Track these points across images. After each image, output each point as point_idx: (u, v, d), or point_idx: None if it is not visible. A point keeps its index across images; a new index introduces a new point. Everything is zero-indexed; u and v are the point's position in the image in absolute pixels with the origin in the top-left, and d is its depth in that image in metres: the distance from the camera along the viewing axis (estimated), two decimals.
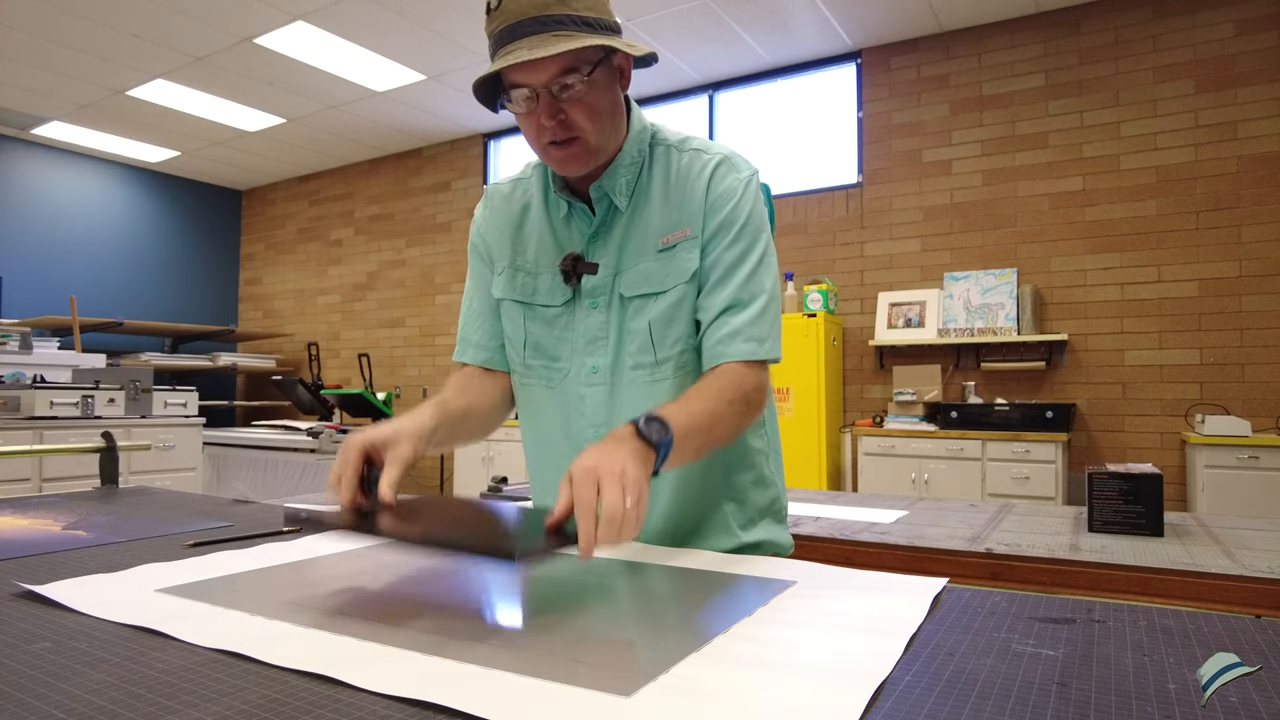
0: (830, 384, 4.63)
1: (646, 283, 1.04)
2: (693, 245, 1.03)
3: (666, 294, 1.03)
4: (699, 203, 1.04)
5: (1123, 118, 4.19)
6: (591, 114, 0.97)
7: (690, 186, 1.05)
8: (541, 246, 1.11)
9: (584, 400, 1.07)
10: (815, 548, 1.73)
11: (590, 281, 1.06)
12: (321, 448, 4.59)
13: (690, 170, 1.06)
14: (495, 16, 0.96)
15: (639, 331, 1.04)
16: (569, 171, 1.02)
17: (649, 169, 1.07)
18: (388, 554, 0.98)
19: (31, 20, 4.48)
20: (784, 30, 4.65)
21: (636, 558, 0.95)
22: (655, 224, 1.05)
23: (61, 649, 0.61)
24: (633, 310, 1.04)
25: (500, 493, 2.40)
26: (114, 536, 1.08)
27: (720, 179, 1.05)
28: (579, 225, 1.08)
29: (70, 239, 6.77)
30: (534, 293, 1.10)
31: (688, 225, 1.04)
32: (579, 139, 0.98)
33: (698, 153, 1.07)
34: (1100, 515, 1.74)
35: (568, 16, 0.93)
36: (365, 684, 0.53)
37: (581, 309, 1.07)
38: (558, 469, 1.10)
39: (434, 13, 4.41)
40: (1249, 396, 3.86)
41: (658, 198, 1.06)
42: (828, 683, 0.54)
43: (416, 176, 6.85)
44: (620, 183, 1.05)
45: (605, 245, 1.06)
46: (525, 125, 1.00)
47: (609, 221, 1.07)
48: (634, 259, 1.05)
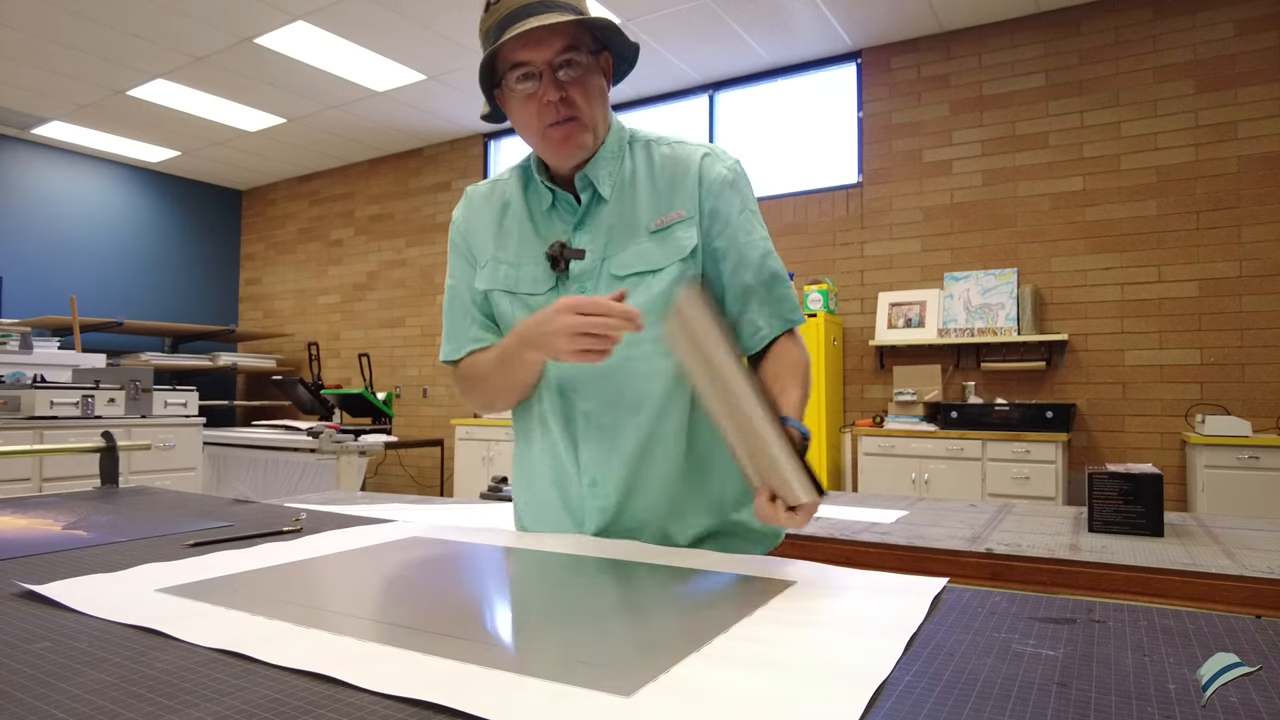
0: (830, 384, 4.63)
1: (641, 262, 1.08)
2: (689, 225, 1.08)
3: (663, 272, 1.07)
4: (692, 187, 1.10)
5: (1123, 118, 4.19)
6: (588, 95, 1.04)
7: (680, 173, 1.10)
8: (523, 239, 1.14)
9: (575, 383, 1.09)
10: (815, 548, 1.73)
11: (578, 266, 1.09)
12: (322, 448, 4.59)
13: (677, 159, 1.12)
14: (496, 9, 1.02)
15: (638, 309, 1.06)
16: (566, 153, 1.06)
17: (630, 161, 1.13)
18: (388, 554, 0.98)
19: (31, 20, 4.48)
20: (784, 30, 4.65)
21: (637, 558, 0.95)
22: (644, 210, 1.10)
23: (61, 649, 0.61)
24: (627, 289, 1.07)
25: (500, 493, 2.40)
26: (114, 536, 1.08)
27: (710, 166, 1.11)
28: (563, 214, 1.12)
29: (70, 239, 6.77)
30: (517, 282, 1.13)
31: (680, 208, 1.09)
32: (577, 119, 1.03)
33: (681, 144, 1.14)
34: (1100, 515, 1.74)
35: (566, 4, 1.01)
36: (365, 684, 0.53)
37: (567, 294, 1.09)
38: (551, 453, 1.11)
39: (434, 13, 4.41)
40: (1249, 396, 3.86)
41: (644, 186, 1.11)
42: (828, 683, 0.54)
43: (417, 176, 6.86)
44: (603, 172, 1.10)
45: (591, 232, 1.10)
46: (524, 111, 1.05)
47: (593, 209, 1.11)
48: (622, 243, 1.09)
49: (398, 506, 2.09)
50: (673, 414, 1.08)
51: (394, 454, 6.50)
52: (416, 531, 1.14)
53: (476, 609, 0.78)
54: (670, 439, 1.08)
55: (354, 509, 1.71)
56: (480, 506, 2.17)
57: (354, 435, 4.80)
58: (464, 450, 5.63)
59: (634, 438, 1.07)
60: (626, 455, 1.07)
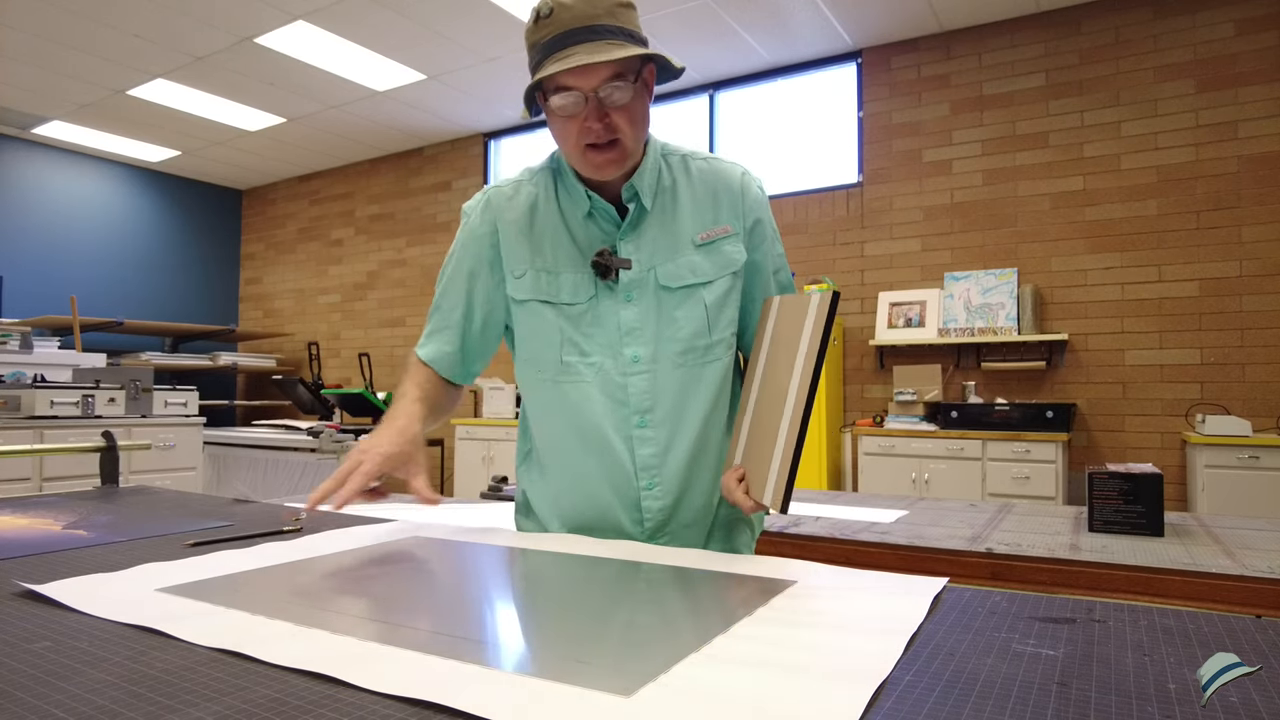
0: (830, 384, 4.63)
1: (692, 274, 1.12)
2: (736, 240, 1.15)
3: (714, 283, 1.13)
4: (736, 203, 1.16)
5: (1123, 117, 4.19)
6: (632, 120, 1.05)
7: (721, 189, 1.16)
8: (558, 246, 1.14)
9: (626, 389, 1.11)
10: (815, 548, 1.73)
11: (625, 276, 1.11)
12: (322, 447, 4.59)
13: (716, 174, 1.17)
14: (545, 25, 1.02)
15: (687, 319, 1.12)
16: (604, 174, 1.08)
17: (669, 174, 1.16)
18: (388, 554, 0.98)
19: (31, 20, 4.48)
20: (784, 30, 4.65)
21: (637, 558, 0.95)
22: (687, 223, 1.14)
23: (62, 648, 0.61)
24: (677, 300, 1.12)
25: (500, 493, 2.40)
26: (114, 536, 1.08)
27: (750, 185, 1.18)
28: (603, 224, 1.13)
29: (70, 239, 6.77)
30: (558, 291, 1.13)
31: (727, 223, 1.15)
32: (618, 143, 1.05)
33: (715, 159, 1.19)
34: (1100, 515, 1.74)
35: (617, 28, 1.02)
36: (365, 684, 0.53)
37: (611, 303, 1.11)
38: (601, 462, 1.12)
39: (434, 13, 4.41)
40: (1249, 396, 3.86)
41: (685, 199, 1.15)
42: (828, 683, 0.54)
43: (417, 176, 6.86)
44: (646, 184, 1.13)
45: (634, 242, 1.12)
46: (564, 128, 1.06)
47: (637, 220, 1.13)
48: (668, 254, 1.12)
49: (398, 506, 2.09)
50: (719, 411, 1.15)
51: None
52: (416, 531, 1.14)
53: (476, 609, 0.78)
54: (718, 437, 1.15)
55: (354, 509, 1.71)
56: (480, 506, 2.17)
57: (354, 435, 4.80)
58: (464, 450, 5.63)
59: (689, 437, 1.12)
60: (681, 454, 1.12)
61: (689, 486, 1.13)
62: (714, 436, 1.14)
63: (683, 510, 1.13)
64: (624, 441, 1.11)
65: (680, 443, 1.12)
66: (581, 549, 1.00)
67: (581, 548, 1.01)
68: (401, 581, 0.86)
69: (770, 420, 0.89)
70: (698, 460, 1.13)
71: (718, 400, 1.14)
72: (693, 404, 1.12)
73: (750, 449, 0.97)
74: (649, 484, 1.11)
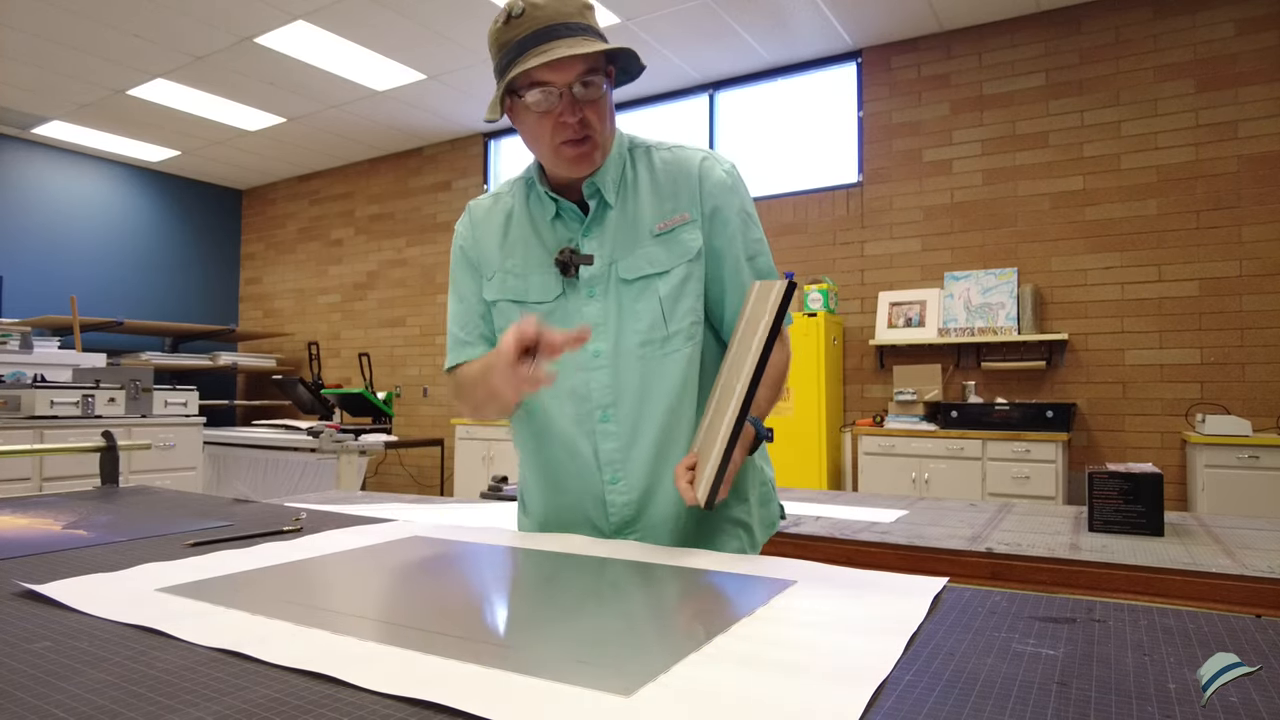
0: (830, 383, 4.63)
1: (649, 265, 1.11)
2: (693, 228, 1.12)
3: (670, 273, 1.11)
4: (694, 191, 1.13)
5: (1123, 117, 4.19)
6: (602, 115, 1.07)
7: (681, 177, 1.14)
8: (528, 249, 1.16)
9: (589, 385, 1.11)
10: (815, 547, 1.73)
11: (587, 272, 1.11)
12: (322, 447, 4.59)
13: (677, 163, 1.15)
14: (517, 24, 1.03)
15: (645, 311, 1.11)
16: (580, 169, 1.09)
17: (632, 167, 1.16)
18: (388, 554, 0.98)
19: (31, 20, 4.48)
20: (784, 30, 4.65)
21: (637, 558, 0.95)
22: (647, 214, 1.13)
23: (62, 648, 0.61)
24: (635, 293, 1.11)
25: (500, 493, 2.40)
26: (114, 536, 1.08)
27: (710, 170, 1.14)
28: (568, 223, 1.14)
29: (70, 239, 6.77)
30: (526, 291, 1.15)
31: (684, 211, 1.13)
32: (591, 138, 1.06)
33: (680, 148, 1.17)
34: (1100, 515, 1.74)
35: (587, 26, 1.04)
36: (365, 684, 0.53)
37: (576, 300, 1.12)
38: (567, 458, 1.13)
39: (434, 13, 4.41)
40: (1249, 396, 3.86)
41: (646, 191, 1.14)
42: (828, 682, 0.54)
43: (417, 176, 6.85)
44: (608, 179, 1.13)
45: (598, 238, 1.13)
46: (538, 126, 1.07)
47: (600, 216, 1.13)
48: (628, 247, 1.12)
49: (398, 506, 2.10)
50: (685, 404, 1.12)
51: (394, 454, 6.50)
52: (416, 531, 1.14)
53: (476, 609, 0.78)
54: (687, 430, 1.12)
55: (354, 509, 1.71)
56: (480, 506, 2.18)
57: (354, 435, 4.80)
58: (464, 450, 5.63)
59: (652, 431, 1.10)
60: (646, 448, 1.11)
61: (657, 481, 1.11)
62: (682, 430, 1.12)
63: (653, 507, 1.12)
64: (587, 437, 1.12)
65: (644, 437, 1.11)
66: (581, 549, 1.00)
67: (581, 548, 1.01)
68: (401, 581, 0.86)
69: (721, 410, 0.91)
70: (664, 454, 1.11)
71: (683, 393, 1.11)
72: (655, 397, 1.10)
73: (704, 438, 0.98)
74: (613, 478, 1.12)
